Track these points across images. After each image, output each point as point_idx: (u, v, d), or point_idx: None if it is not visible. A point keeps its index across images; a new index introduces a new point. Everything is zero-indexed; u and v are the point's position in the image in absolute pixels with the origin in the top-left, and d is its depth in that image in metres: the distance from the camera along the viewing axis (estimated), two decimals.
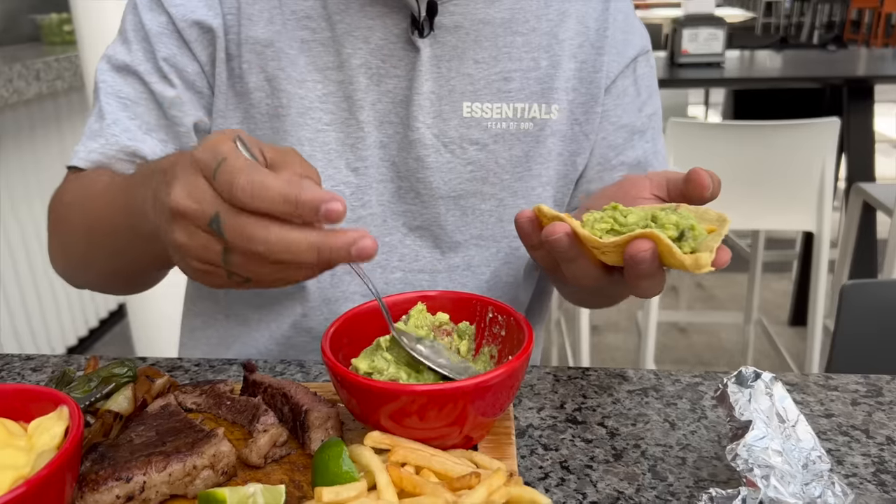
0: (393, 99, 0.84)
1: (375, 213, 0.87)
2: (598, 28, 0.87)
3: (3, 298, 2.41)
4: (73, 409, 0.48)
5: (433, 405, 0.52)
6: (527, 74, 0.85)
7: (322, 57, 0.83)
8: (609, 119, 0.89)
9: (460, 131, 0.84)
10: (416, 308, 0.62)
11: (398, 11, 0.82)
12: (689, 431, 0.67)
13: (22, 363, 0.82)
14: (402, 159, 0.85)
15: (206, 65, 0.84)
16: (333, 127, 0.84)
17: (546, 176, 0.88)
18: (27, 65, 2.33)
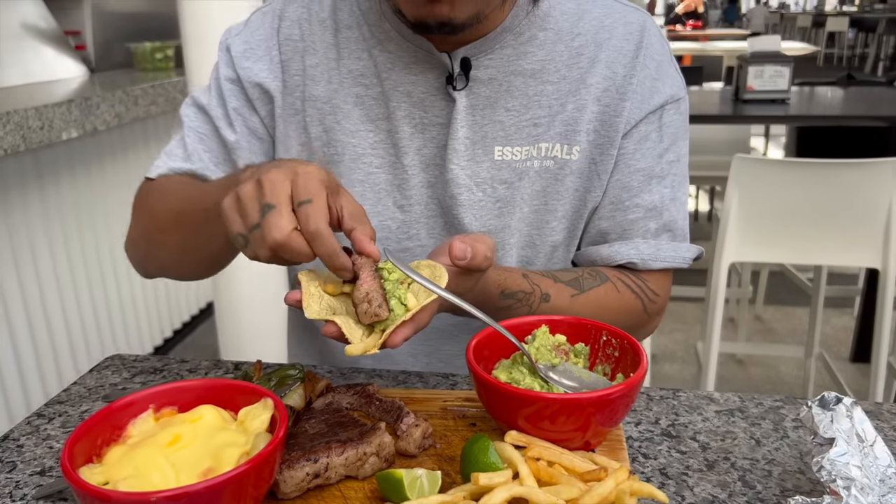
0: (437, 144, 0.94)
1: (426, 246, 0.97)
2: (625, 74, 0.93)
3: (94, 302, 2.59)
4: (277, 402, 0.60)
5: (563, 412, 0.62)
6: (554, 119, 0.92)
7: (373, 109, 0.95)
8: (626, 161, 0.94)
9: (491, 172, 0.93)
10: (541, 329, 0.72)
11: (437, 68, 0.92)
12: (774, 448, 0.75)
13: (178, 365, 0.96)
14: (443, 197, 0.95)
15: (266, 118, 0.99)
16: (383, 170, 0.96)
17: (562, 211, 0.95)
18: (127, 91, 2.50)
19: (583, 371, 0.71)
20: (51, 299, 2.35)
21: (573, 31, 0.93)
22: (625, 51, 0.93)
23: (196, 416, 0.60)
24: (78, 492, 0.51)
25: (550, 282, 0.91)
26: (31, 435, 0.81)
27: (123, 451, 0.58)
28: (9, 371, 2.18)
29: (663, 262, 0.96)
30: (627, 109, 0.92)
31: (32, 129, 2.04)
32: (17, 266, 2.20)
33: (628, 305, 0.96)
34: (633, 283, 0.96)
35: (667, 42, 0.98)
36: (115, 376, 0.93)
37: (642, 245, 0.96)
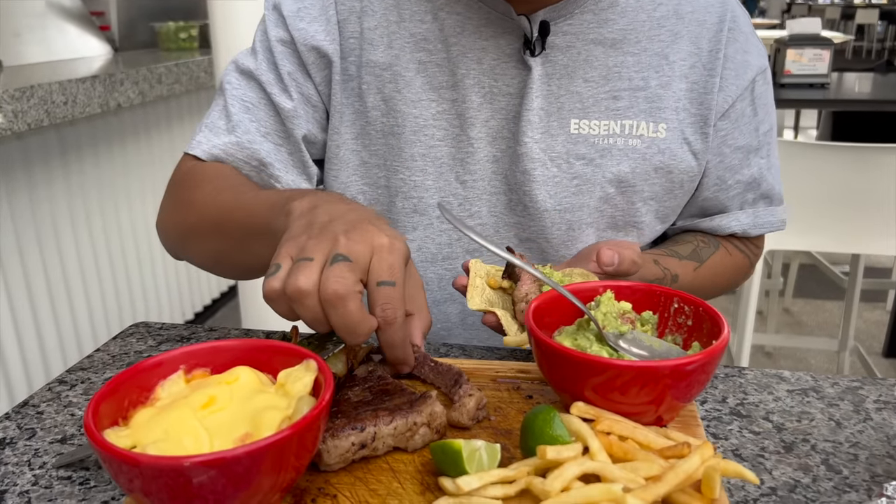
0: (506, 116, 0.88)
1: (487, 224, 0.91)
2: (710, 49, 0.88)
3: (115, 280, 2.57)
4: (321, 363, 0.54)
5: (636, 382, 0.56)
6: (636, 93, 0.88)
7: (437, 77, 0.88)
8: (727, 142, 0.91)
9: (567, 147, 0.88)
10: (606, 295, 0.66)
11: (511, 32, 0.86)
12: (857, 430, 0.69)
13: (207, 334, 0.90)
14: (511, 173, 0.89)
15: (321, 85, 0.91)
16: (445, 143, 0.89)
17: (650, 192, 0.90)
18: (151, 69, 2.48)
19: (654, 340, 0.65)
20: (72, 275, 2.32)
21: (655, 1, 0.89)
22: (708, 24, 0.89)
23: (232, 377, 0.55)
24: (103, 455, 0.46)
25: (676, 261, 0.90)
26: (52, 402, 0.76)
27: (152, 414, 0.52)
28: (31, 348, 2.15)
29: (762, 229, 0.97)
30: (718, 86, 0.89)
31: (56, 103, 2.02)
32: (40, 241, 2.18)
33: (738, 265, 1.00)
34: (740, 244, 1.00)
35: (747, 13, 0.94)
36: (140, 344, 0.88)
37: (742, 216, 0.96)
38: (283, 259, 0.59)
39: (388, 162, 0.91)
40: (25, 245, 2.12)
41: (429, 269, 0.94)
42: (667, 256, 0.90)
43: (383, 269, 0.58)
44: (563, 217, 0.90)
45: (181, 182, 0.93)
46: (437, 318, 0.97)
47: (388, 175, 0.92)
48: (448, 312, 0.97)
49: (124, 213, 2.58)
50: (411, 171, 0.90)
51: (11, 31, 2.64)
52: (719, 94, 0.89)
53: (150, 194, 2.70)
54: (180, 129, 2.91)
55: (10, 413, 0.73)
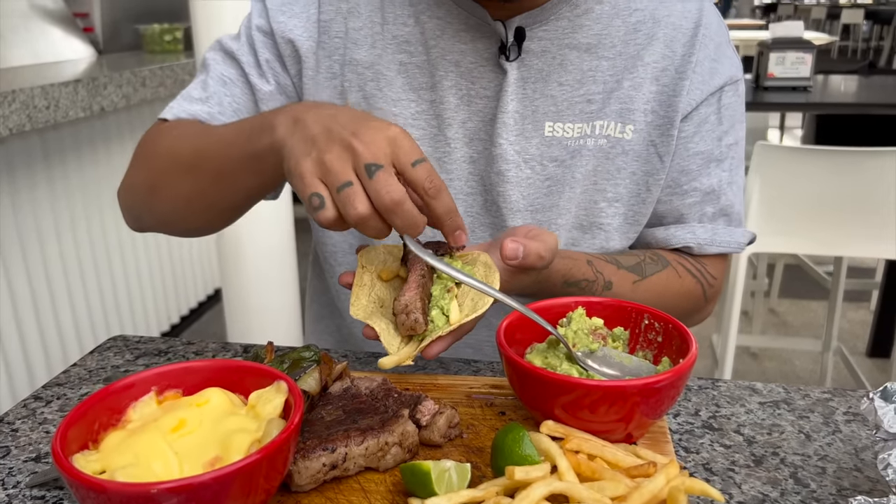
0: (482, 118, 0.90)
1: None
2: (684, 53, 0.89)
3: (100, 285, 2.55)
4: (292, 385, 0.55)
5: (605, 400, 0.56)
6: (609, 95, 0.88)
7: (417, 78, 0.90)
8: (686, 145, 0.91)
9: (541, 149, 0.89)
10: (577, 312, 0.66)
11: (489, 37, 0.88)
12: (826, 443, 0.70)
13: (184, 347, 0.90)
14: (487, 174, 0.91)
15: (296, 78, 0.94)
16: (424, 142, 0.91)
17: (614, 193, 0.91)
18: (135, 72, 2.46)
19: (624, 356, 0.66)
20: (56, 281, 2.31)
21: (630, 7, 0.90)
22: (683, 29, 0.90)
23: (202, 399, 0.55)
24: (70, 481, 0.46)
25: (614, 268, 0.88)
26: (27, 419, 0.75)
27: (122, 437, 0.53)
28: (14, 353, 2.14)
29: (719, 247, 0.94)
30: (686, 89, 0.89)
31: (38, 108, 2.00)
32: (23, 247, 2.16)
33: (689, 290, 0.94)
34: (693, 268, 0.95)
35: (724, 22, 0.94)
36: (118, 358, 0.88)
37: (699, 229, 0.94)
38: (317, 185, 0.62)
39: None
40: (8, 250, 2.11)
41: None
42: (604, 261, 0.88)
43: (411, 152, 0.63)
44: (535, 217, 0.91)
45: (148, 139, 0.94)
46: None
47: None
48: None
49: (109, 217, 2.56)
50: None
51: None
52: (686, 97, 0.89)
53: None
54: None
55: None
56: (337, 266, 1.00)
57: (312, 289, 1.14)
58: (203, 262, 3.27)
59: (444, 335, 0.65)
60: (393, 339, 0.66)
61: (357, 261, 0.73)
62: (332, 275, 1.02)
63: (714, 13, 0.93)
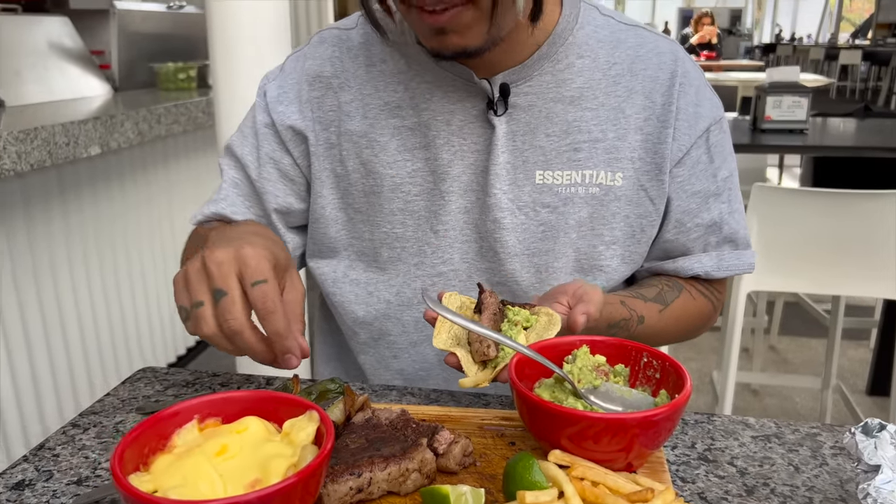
0: (475, 170, 0.96)
1: (459, 270, 0.99)
2: (664, 103, 0.95)
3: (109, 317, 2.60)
4: (323, 415, 0.60)
5: (607, 432, 0.62)
6: (595, 145, 0.94)
7: (410, 139, 0.96)
8: (683, 188, 0.97)
9: (533, 196, 0.95)
10: (582, 350, 0.72)
11: (476, 95, 0.94)
12: (813, 475, 0.75)
13: (210, 378, 0.96)
14: (482, 222, 0.96)
15: (300, 158, 1.02)
16: (421, 197, 0.97)
17: (611, 236, 0.97)
18: (151, 110, 2.53)
19: (625, 390, 0.71)
20: (68, 312, 2.36)
21: (609, 60, 0.95)
22: (660, 80, 0.96)
23: (242, 427, 0.61)
24: (129, 499, 0.51)
25: (641, 302, 0.95)
26: (67, 444, 0.81)
27: (171, 461, 0.58)
28: (24, 386, 2.18)
29: (726, 271, 1.02)
30: (671, 136, 0.94)
31: (59, 144, 2.07)
32: (37, 279, 2.22)
33: (701, 309, 1.03)
34: (703, 288, 1.04)
35: (698, 66, 1.00)
36: (148, 388, 0.93)
37: (704, 258, 1.01)
38: (182, 298, 0.70)
39: (371, 217, 1.00)
40: (22, 282, 2.16)
41: (405, 313, 1.02)
42: (633, 298, 0.95)
43: (254, 273, 0.67)
44: (532, 261, 0.97)
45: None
46: (415, 359, 1.03)
47: (372, 229, 1.00)
48: (426, 353, 1.04)
49: (121, 250, 2.62)
50: (392, 224, 0.99)
51: (13, 70, 2.69)
52: (673, 144, 0.95)
53: (146, 232, 2.76)
54: (176, 167, 2.96)
55: (27, 456, 0.78)
56: (347, 313, 1.06)
57: (320, 331, 1.19)
58: None
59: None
60: (471, 366, 0.75)
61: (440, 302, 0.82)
62: (342, 321, 1.08)
63: (688, 59, 0.99)
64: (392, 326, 1.04)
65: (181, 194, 2.97)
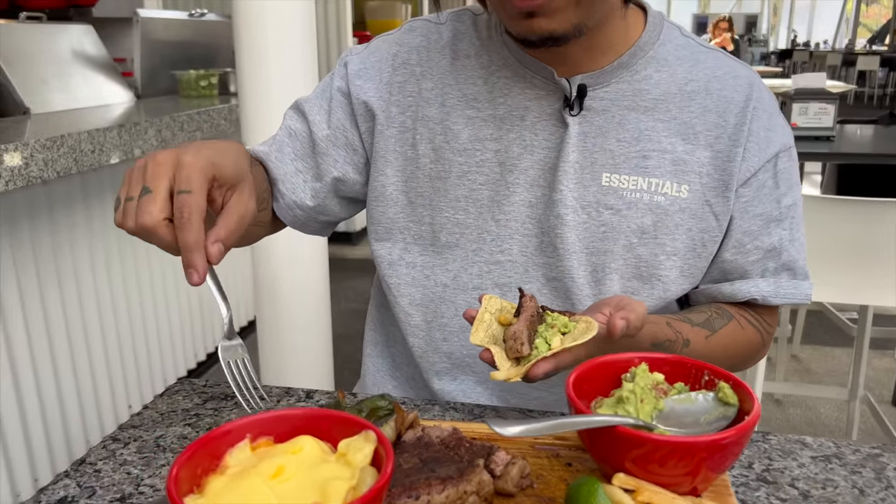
0: (543, 166, 0.97)
1: (517, 262, 1.00)
2: (736, 123, 0.96)
3: (131, 322, 2.60)
4: (380, 435, 0.58)
5: (674, 455, 0.60)
6: (663, 155, 0.95)
7: (483, 130, 0.99)
8: (746, 208, 0.98)
9: (598, 197, 0.96)
10: (641, 367, 0.70)
11: (553, 94, 0.97)
12: (879, 498, 0.72)
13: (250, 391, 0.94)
14: (545, 217, 0.98)
15: (365, 134, 1.05)
16: (486, 186, 0.99)
17: (671, 247, 0.97)
18: (174, 117, 2.53)
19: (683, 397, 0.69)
20: (91, 319, 2.36)
21: (686, 77, 0.97)
22: (735, 101, 0.97)
23: (296, 447, 0.59)
24: None
25: (688, 326, 0.94)
26: (108, 459, 0.79)
27: (225, 482, 0.56)
28: (49, 398, 2.18)
29: (783, 299, 1.00)
30: (741, 157, 0.95)
31: (84, 152, 2.07)
32: (61, 286, 2.22)
33: (750, 340, 1.02)
34: (753, 318, 1.02)
35: (773, 95, 1.02)
36: (187, 402, 0.92)
37: (762, 283, 1.00)
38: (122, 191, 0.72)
39: (434, 202, 1.02)
40: (48, 290, 2.16)
41: (459, 297, 1.04)
42: (680, 321, 0.94)
43: (181, 180, 0.69)
44: (590, 259, 0.97)
45: None
46: (464, 343, 1.04)
47: (433, 214, 1.02)
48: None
49: (142, 258, 2.62)
50: (455, 209, 1.01)
51: (39, 78, 2.71)
52: (742, 164, 0.96)
53: None
54: None
55: (69, 471, 0.77)
56: (403, 295, 1.07)
57: (371, 318, 1.22)
58: (240, 294, 3.31)
59: (546, 357, 0.73)
60: (504, 361, 0.75)
61: (481, 303, 0.83)
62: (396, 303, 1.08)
63: (763, 87, 1.01)
64: (446, 309, 1.05)
65: None
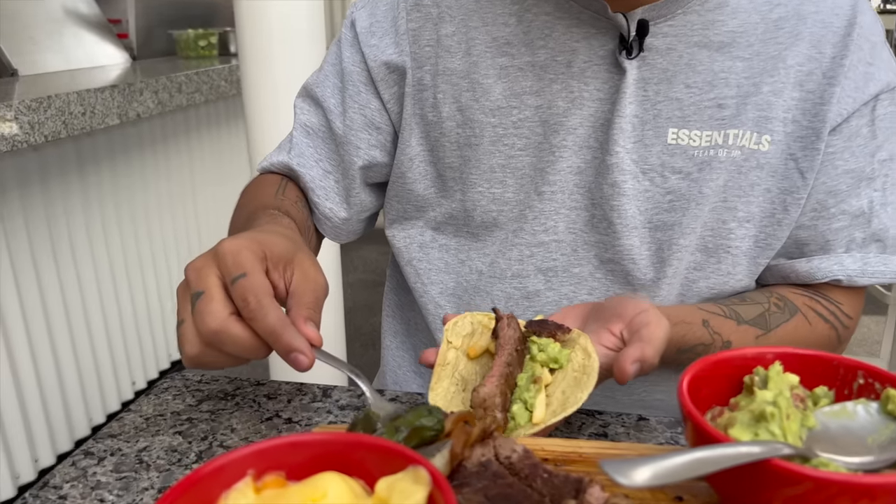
0: (594, 123, 0.79)
1: (564, 241, 0.83)
2: (834, 55, 0.77)
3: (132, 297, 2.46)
4: (436, 476, 0.41)
5: (845, 497, 0.42)
6: (744, 101, 0.77)
7: (519, 82, 0.80)
8: (833, 162, 0.79)
9: (662, 158, 0.78)
10: (774, 369, 0.52)
11: (605, 33, 0.77)
12: None
13: (254, 389, 0.78)
14: (597, 185, 0.80)
15: (390, 102, 0.86)
16: (527, 152, 0.81)
17: (745, 212, 0.80)
18: (171, 78, 2.39)
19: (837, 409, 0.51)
20: (89, 292, 2.22)
21: (771, 1, 0.78)
22: (834, 27, 0.78)
23: (317, 490, 0.42)
24: None
25: (733, 324, 0.77)
26: (77, 481, 0.63)
27: None
28: (48, 376, 2.04)
29: (871, 278, 0.81)
30: (836, 97, 0.76)
31: (74, 114, 1.92)
32: (56, 258, 2.07)
33: (820, 339, 0.83)
34: (826, 311, 0.83)
35: (879, 21, 0.81)
36: (178, 402, 0.75)
37: (847, 259, 0.81)
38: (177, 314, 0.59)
39: (465, 175, 0.84)
40: (42, 261, 2.02)
41: (496, 286, 0.88)
42: (723, 318, 0.78)
43: (231, 268, 0.56)
44: (654, 236, 0.81)
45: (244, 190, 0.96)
46: None
47: (465, 189, 0.85)
48: None
49: (141, 228, 2.47)
50: (490, 182, 0.84)
51: (28, 37, 2.56)
52: (836, 106, 0.78)
53: (167, 206, 2.59)
54: (198, 139, 2.80)
55: (27, 498, 0.61)
56: (434, 283, 0.91)
57: (390, 303, 1.06)
58: None
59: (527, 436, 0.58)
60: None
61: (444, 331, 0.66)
62: (425, 291, 0.93)
63: (869, 9, 0.81)
64: (480, 301, 0.89)
65: (203, 166, 2.82)
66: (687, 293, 0.85)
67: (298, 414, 0.72)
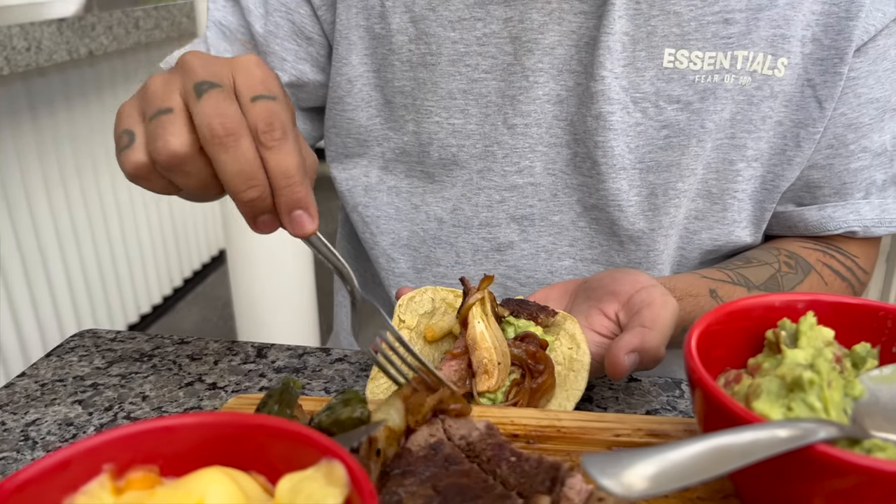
0: (576, 41, 0.67)
1: (542, 185, 0.71)
2: None
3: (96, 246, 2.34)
4: (355, 472, 0.30)
5: None
6: (756, 15, 0.65)
7: None
8: (855, 89, 0.68)
9: (657, 85, 0.66)
10: (808, 320, 0.41)
11: None
12: None
13: (175, 348, 0.66)
14: (580, 117, 0.68)
15: (321, 8, 0.73)
16: (493, 74, 0.69)
17: (755, 149, 0.69)
18: (127, 12, 2.23)
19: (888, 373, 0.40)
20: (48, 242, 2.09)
21: None
22: None
23: (192, 492, 0.30)
24: None
25: (744, 292, 0.67)
26: None
27: None
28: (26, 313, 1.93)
29: (888, 227, 0.72)
30: (864, 13, 0.65)
31: (17, 49, 1.78)
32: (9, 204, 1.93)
33: None
34: (842, 266, 0.74)
35: None
36: (84, 364, 0.63)
37: (864, 207, 0.72)
38: (133, 122, 0.46)
39: (419, 102, 0.72)
40: None
41: (460, 237, 0.76)
42: (731, 285, 0.68)
43: (255, 83, 0.45)
44: (646, 179, 0.70)
45: None
46: None
47: (419, 118, 0.72)
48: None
49: (104, 173, 2.34)
50: (449, 111, 0.71)
51: None
52: (863, 21, 0.66)
53: None
54: None
55: None
56: (383, 232, 0.79)
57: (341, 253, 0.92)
58: (208, 222, 3.04)
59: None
60: None
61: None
62: (375, 243, 0.81)
63: None
64: (443, 255, 0.77)
65: None
66: (688, 247, 0.74)
67: (225, 378, 0.61)
